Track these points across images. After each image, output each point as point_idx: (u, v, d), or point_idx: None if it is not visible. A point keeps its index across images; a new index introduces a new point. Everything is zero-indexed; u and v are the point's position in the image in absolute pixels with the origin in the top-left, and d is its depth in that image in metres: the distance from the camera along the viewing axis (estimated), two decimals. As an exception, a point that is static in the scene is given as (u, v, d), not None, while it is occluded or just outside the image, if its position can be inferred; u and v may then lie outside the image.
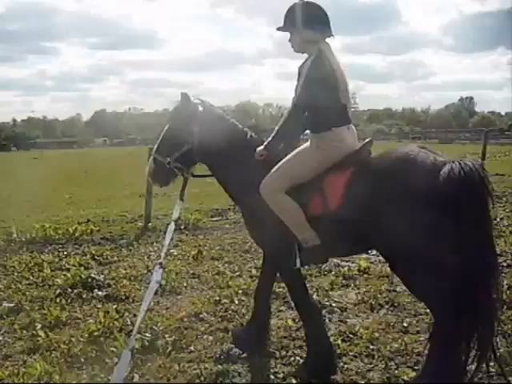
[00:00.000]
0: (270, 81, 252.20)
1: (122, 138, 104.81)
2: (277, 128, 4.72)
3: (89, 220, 12.67)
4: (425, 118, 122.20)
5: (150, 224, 11.75)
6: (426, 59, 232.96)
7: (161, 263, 4.61)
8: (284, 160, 4.62)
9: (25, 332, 5.90)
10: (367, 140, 4.65)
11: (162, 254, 4.79)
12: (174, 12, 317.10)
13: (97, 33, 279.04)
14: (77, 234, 11.03)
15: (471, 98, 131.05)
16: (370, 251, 7.42)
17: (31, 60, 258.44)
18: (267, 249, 5.13)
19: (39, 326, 5.97)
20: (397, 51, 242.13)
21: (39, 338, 5.64)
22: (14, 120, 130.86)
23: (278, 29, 4.72)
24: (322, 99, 4.41)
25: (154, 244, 10.23)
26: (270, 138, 4.76)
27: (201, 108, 5.07)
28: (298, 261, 4.61)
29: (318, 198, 4.44)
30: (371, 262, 8.14)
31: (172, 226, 4.95)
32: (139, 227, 11.83)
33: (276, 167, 4.59)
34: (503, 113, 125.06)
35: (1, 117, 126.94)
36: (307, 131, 4.78)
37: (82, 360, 5.21)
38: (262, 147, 4.77)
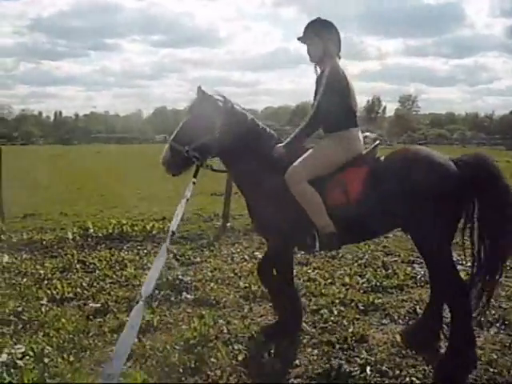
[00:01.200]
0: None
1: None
2: (299, 130, 5.28)
3: (164, 217, 12.36)
4: (488, 123, 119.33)
5: (228, 224, 11.34)
6: (489, 63, 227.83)
7: (173, 231, 4.50)
8: (308, 153, 5.16)
9: (115, 336, 5.52)
10: (377, 142, 5.31)
11: (174, 222, 4.61)
12: (236, 11, 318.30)
13: (159, 30, 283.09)
14: (154, 232, 10.74)
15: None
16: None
17: (94, 56, 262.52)
18: (274, 235, 5.38)
19: (129, 330, 5.61)
20: (460, 54, 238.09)
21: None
22: (77, 115, 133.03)
23: (300, 38, 5.38)
24: (340, 104, 5.14)
25: (236, 245, 9.88)
26: (290, 139, 5.31)
27: (221, 104, 5.24)
28: (317, 244, 5.08)
29: (337, 190, 4.98)
30: (468, 274, 7.60)
31: (184, 203, 4.90)
32: (217, 227, 11.47)
33: (301, 159, 5.10)
34: None
35: (64, 111, 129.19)
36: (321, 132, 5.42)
37: (181, 370, 4.83)
38: (282, 145, 5.31)
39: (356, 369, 4.89)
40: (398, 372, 4.84)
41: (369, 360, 5.01)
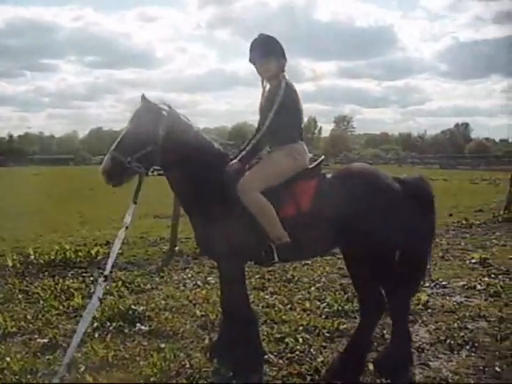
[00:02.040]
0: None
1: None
2: (252, 144, 5.22)
3: (108, 242, 11.87)
4: (421, 143, 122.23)
5: (176, 248, 10.92)
6: (421, 85, 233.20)
7: (106, 276, 4.41)
8: (258, 165, 5.20)
9: (67, 375, 5.06)
10: (322, 158, 5.40)
11: (108, 266, 4.43)
12: (172, 32, 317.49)
13: (95, 51, 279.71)
14: (99, 257, 10.20)
15: (467, 124, 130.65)
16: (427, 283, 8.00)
17: (29, 76, 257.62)
18: (226, 254, 5.11)
19: (83, 367, 5.17)
20: (392, 76, 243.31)
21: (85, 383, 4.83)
22: (11, 135, 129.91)
23: (251, 59, 5.37)
24: (293, 118, 5.23)
25: (187, 270, 9.48)
26: (244, 153, 5.23)
27: (165, 113, 5.05)
28: (275, 255, 5.04)
29: (288, 202, 5.01)
30: (428, 295, 7.55)
31: (122, 233, 4.84)
32: (164, 251, 11.01)
33: (252, 170, 5.12)
34: (497, 139, 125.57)
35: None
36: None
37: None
38: (236, 160, 5.21)
39: (331, 403, 4.58)
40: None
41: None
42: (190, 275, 9.10)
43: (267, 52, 5.23)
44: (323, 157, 5.45)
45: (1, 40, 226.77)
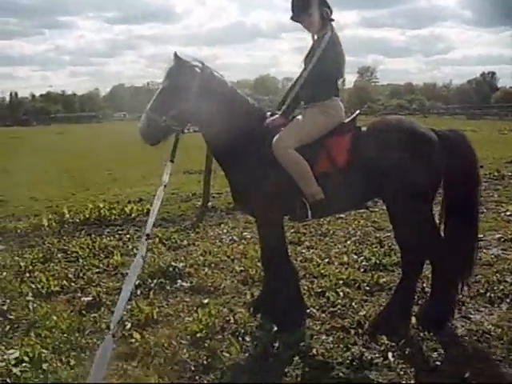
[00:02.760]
0: (288, 55, 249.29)
1: (141, 113, 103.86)
2: (291, 98, 5.17)
3: (141, 199, 11.95)
4: (446, 92, 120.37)
5: (209, 203, 10.94)
6: (445, 33, 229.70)
7: (148, 235, 4.30)
8: (294, 122, 5.13)
9: (118, 332, 5.13)
10: (357, 112, 5.35)
11: (150, 224, 4.35)
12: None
13: (113, 7, 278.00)
14: (133, 215, 10.33)
15: (493, 73, 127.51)
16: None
17: (47, 35, 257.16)
18: (263, 210, 5.17)
19: (129, 324, 5.23)
20: (415, 25, 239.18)
21: (133, 340, 4.89)
22: (33, 95, 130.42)
23: (292, 17, 5.22)
24: (334, 72, 5.17)
25: (221, 226, 9.52)
26: (285, 107, 5.19)
27: (198, 69, 4.99)
28: (309, 212, 5.03)
29: (324, 157, 4.98)
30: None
31: (161, 192, 4.71)
32: (197, 206, 11.04)
33: (287, 128, 5.05)
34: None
35: (19, 92, 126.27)
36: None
37: (193, 368, 4.47)
38: (279, 115, 5.19)
39: (377, 355, 4.62)
40: (420, 356, 4.61)
41: (389, 345, 4.72)
42: (225, 230, 9.14)
43: (306, 7, 5.10)
44: (358, 111, 5.41)
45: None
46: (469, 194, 5.15)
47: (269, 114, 5.35)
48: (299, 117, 5.21)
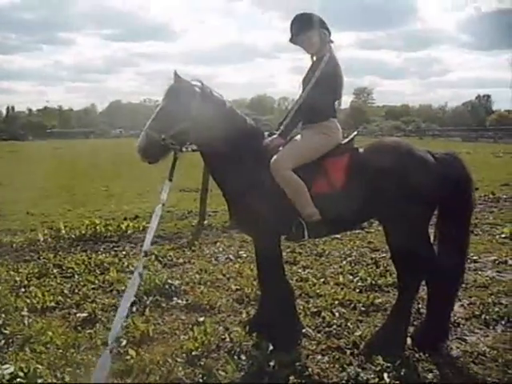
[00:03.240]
0: (285, 75, 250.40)
1: (137, 130, 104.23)
2: (290, 118, 5.20)
3: (137, 216, 11.98)
4: (442, 115, 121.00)
5: (205, 221, 10.96)
6: (441, 56, 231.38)
7: (145, 252, 4.37)
8: (292, 143, 5.16)
9: (115, 349, 5.12)
10: (354, 133, 5.40)
11: (148, 241, 4.48)
12: (190, 4, 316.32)
13: (112, 24, 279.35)
14: (129, 232, 10.34)
15: (488, 96, 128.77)
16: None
17: (46, 50, 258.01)
18: (260, 229, 5.17)
19: (124, 341, 5.22)
20: (412, 47, 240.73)
21: (128, 357, 4.88)
22: (30, 109, 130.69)
23: (292, 40, 5.33)
24: (332, 93, 5.24)
25: (217, 244, 9.53)
26: (283, 127, 5.20)
27: (198, 89, 5.03)
28: (306, 233, 5.05)
29: (321, 178, 5.03)
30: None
31: (159, 210, 4.76)
32: (193, 225, 11.04)
33: (285, 148, 5.09)
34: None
35: (16, 106, 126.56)
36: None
37: (188, 387, 4.45)
38: (277, 135, 5.19)
39: (373, 376, 4.62)
40: (415, 377, 4.62)
41: (384, 366, 4.71)
42: (221, 249, 9.15)
43: (305, 28, 5.21)
44: (356, 132, 5.45)
45: (17, 14, 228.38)
46: (462, 216, 5.25)
47: (267, 134, 5.39)
48: (297, 137, 5.25)
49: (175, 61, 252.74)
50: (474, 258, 8.26)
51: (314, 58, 5.32)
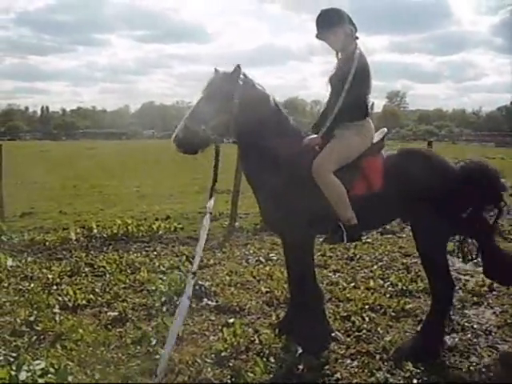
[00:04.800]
0: (317, 78, 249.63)
1: (169, 131, 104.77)
2: (332, 117, 5.01)
3: (169, 217, 12.03)
4: (476, 119, 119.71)
5: (236, 223, 10.96)
6: (476, 60, 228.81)
7: (194, 273, 4.33)
8: (331, 144, 5.01)
9: (138, 348, 5.17)
10: (385, 132, 5.39)
11: (196, 261, 4.42)
12: (222, 6, 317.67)
13: (145, 26, 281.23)
14: (160, 232, 10.39)
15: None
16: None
17: (81, 51, 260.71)
18: (295, 229, 5.08)
19: (154, 341, 5.24)
20: (446, 51, 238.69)
21: (157, 357, 4.87)
22: (64, 110, 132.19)
23: (317, 35, 5.24)
24: (366, 91, 5.13)
25: (248, 246, 9.54)
26: (325, 129, 5.06)
27: (240, 81, 4.91)
28: (345, 236, 4.98)
29: (359, 179, 4.98)
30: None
31: (207, 221, 4.78)
32: (224, 226, 11.06)
33: (325, 151, 4.98)
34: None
35: (51, 106, 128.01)
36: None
37: (216, 387, 4.46)
38: (318, 136, 5.09)
39: (402, 382, 4.58)
40: (445, 384, 4.54)
41: (414, 372, 4.67)
42: (251, 251, 9.15)
43: (330, 24, 5.13)
44: (386, 129, 5.47)
45: (52, 16, 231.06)
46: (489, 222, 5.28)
47: (305, 134, 5.30)
48: (334, 139, 5.10)
49: (208, 62, 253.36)
50: None
51: (340, 55, 5.26)
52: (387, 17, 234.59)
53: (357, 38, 5.20)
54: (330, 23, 5.13)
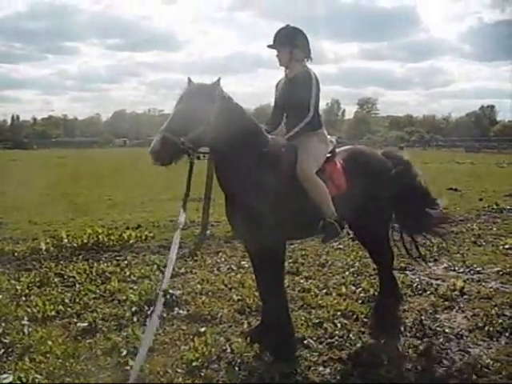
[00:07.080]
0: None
1: (141, 139, 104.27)
2: (299, 128, 5.42)
3: (140, 225, 11.94)
4: (445, 125, 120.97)
5: (208, 231, 10.90)
6: (445, 67, 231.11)
7: (165, 291, 4.32)
8: (305, 150, 5.35)
9: (109, 359, 5.10)
10: (334, 142, 5.83)
11: (166, 278, 4.35)
12: (193, 14, 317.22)
13: (116, 34, 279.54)
14: (131, 241, 10.29)
15: (492, 107, 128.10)
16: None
17: (52, 60, 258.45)
18: (270, 237, 5.08)
19: (124, 351, 5.18)
20: (416, 58, 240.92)
21: (128, 368, 4.82)
22: (35, 118, 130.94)
23: (269, 46, 5.58)
24: (319, 105, 5.58)
25: (219, 254, 9.49)
26: (292, 133, 5.45)
27: (218, 93, 4.99)
28: (338, 227, 5.41)
29: (329, 181, 5.42)
30: (464, 281, 7.47)
31: (177, 238, 4.74)
32: (196, 234, 10.97)
33: (303, 155, 5.31)
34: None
35: (21, 115, 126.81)
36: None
37: (189, 398, 4.42)
38: (286, 138, 5.48)
39: (374, 388, 4.56)
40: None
41: (386, 378, 4.69)
42: (223, 259, 9.11)
43: (280, 41, 5.53)
44: (333, 138, 5.92)
45: (23, 23, 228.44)
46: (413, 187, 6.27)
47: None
48: (306, 145, 5.41)
49: (179, 70, 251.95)
50: (478, 268, 8.22)
51: (287, 71, 5.64)
52: (357, 24, 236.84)
53: (309, 59, 5.66)
54: (279, 40, 5.53)
